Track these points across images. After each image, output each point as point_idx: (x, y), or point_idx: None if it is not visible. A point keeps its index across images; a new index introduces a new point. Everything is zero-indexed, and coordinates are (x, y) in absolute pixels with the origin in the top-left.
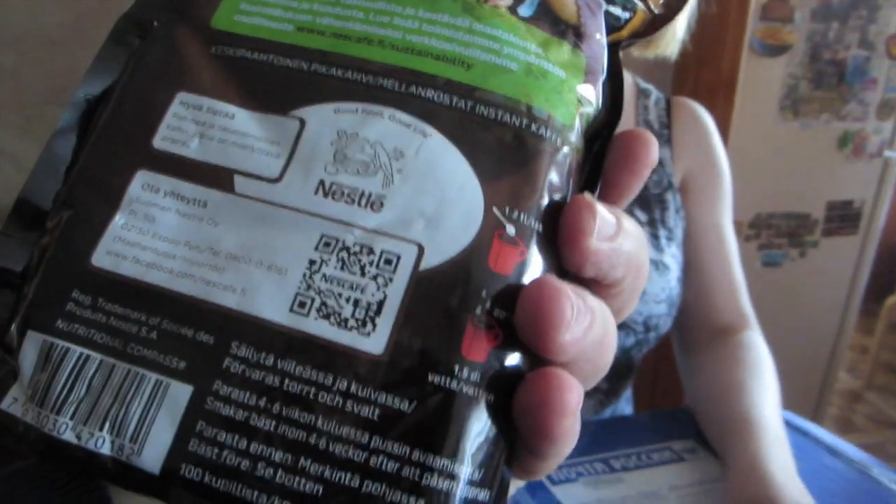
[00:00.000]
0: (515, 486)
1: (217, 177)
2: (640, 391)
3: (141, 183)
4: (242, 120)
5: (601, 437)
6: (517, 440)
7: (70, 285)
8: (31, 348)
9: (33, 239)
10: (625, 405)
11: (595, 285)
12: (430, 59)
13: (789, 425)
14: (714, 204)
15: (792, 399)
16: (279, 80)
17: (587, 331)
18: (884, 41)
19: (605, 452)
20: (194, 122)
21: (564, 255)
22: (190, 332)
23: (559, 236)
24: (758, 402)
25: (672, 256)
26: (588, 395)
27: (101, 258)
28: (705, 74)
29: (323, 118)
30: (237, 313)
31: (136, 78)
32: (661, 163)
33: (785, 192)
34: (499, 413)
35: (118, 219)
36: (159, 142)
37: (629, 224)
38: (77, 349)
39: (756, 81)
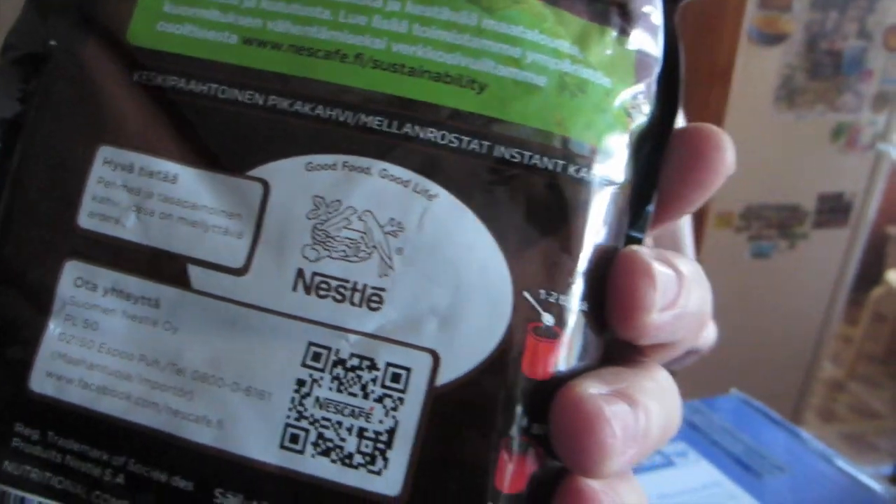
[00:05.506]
0: None
1: (167, 267)
2: None
3: (73, 278)
4: (188, 183)
5: None
6: None
7: (11, 417)
8: None
9: None
10: None
11: (647, 348)
12: (427, 81)
13: (782, 427)
14: None
15: (775, 388)
16: (228, 123)
17: (633, 454)
18: (882, 32)
19: None
20: (126, 190)
21: (616, 329)
22: (163, 477)
23: (609, 307)
24: None
25: None
26: None
27: (42, 382)
28: (701, 63)
29: (292, 179)
30: (216, 452)
31: (41, 128)
32: None
33: (777, 183)
34: None
35: (52, 328)
36: (85, 220)
37: (687, 268)
38: (33, 499)
39: (752, 71)
